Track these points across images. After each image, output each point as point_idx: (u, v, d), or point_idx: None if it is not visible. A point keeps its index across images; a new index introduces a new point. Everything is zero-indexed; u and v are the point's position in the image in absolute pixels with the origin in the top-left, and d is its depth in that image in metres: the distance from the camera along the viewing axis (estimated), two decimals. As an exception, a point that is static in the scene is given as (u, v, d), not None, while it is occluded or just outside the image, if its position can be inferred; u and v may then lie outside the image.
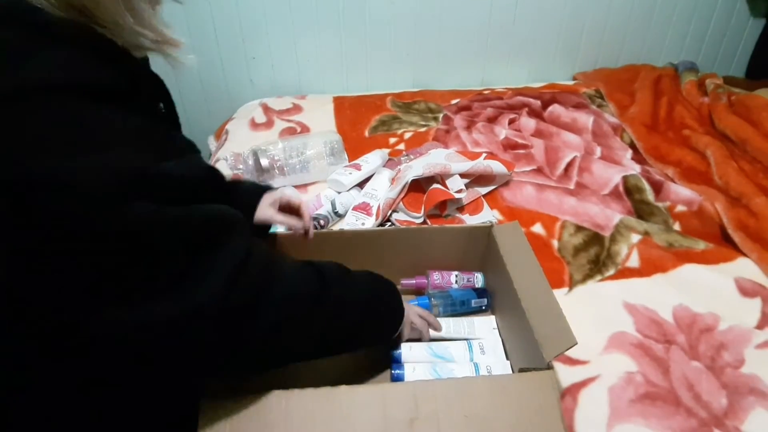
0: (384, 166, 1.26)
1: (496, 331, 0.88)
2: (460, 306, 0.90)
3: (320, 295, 0.61)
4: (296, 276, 0.61)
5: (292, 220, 0.83)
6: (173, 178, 0.47)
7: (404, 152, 1.35)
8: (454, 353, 0.82)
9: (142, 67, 0.54)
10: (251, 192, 0.82)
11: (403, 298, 0.91)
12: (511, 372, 0.79)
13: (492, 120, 1.51)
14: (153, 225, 0.44)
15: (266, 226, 0.83)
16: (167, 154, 0.48)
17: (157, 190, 0.45)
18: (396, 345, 0.80)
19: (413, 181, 1.14)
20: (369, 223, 1.09)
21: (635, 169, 1.29)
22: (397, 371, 0.77)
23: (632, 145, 1.42)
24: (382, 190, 1.16)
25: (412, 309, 0.81)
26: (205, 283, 0.48)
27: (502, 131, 1.43)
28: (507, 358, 0.82)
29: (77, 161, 0.41)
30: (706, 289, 0.97)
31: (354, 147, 1.36)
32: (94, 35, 0.46)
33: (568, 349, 0.65)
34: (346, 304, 0.65)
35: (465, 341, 0.84)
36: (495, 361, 0.81)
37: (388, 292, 0.76)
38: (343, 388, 0.62)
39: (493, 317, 0.90)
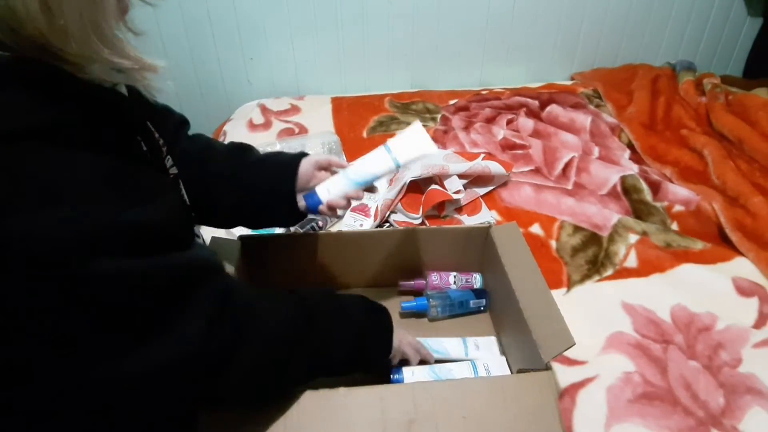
0: (382, 167, 1.26)
1: (494, 331, 0.88)
2: (459, 307, 0.90)
3: (302, 338, 0.60)
4: (279, 315, 0.59)
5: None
6: (145, 226, 0.45)
7: (402, 153, 1.35)
8: (451, 351, 0.82)
9: (111, 99, 0.50)
10: (286, 162, 0.78)
11: (401, 299, 0.92)
12: (509, 373, 0.79)
13: (490, 120, 1.51)
14: (120, 282, 0.42)
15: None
16: (139, 199, 0.45)
17: (127, 241, 0.43)
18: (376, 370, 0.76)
19: (411, 182, 1.14)
20: (367, 224, 1.09)
21: (633, 169, 1.29)
22: (396, 375, 0.76)
23: (630, 145, 1.42)
24: (381, 191, 1.17)
25: (405, 338, 0.76)
26: (186, 329, 0.47)
27: (500, 132, 1.43)
28: (505, 359, 0.82)
29: (26, 219, 0.37)
30: (704, 288, 0.97)
31: (352, 148, 1.36)
32: (51, 73, 0.42)
33: (566, 350, 0.65)
34: (331, 344, 0.63)
35: (461, 339, 0.84)
36: (493, 360, 0.81)
37: (378, 326, 0.71)
38: (342, 389, 0.62)
39: (491, 318, 0.91)
